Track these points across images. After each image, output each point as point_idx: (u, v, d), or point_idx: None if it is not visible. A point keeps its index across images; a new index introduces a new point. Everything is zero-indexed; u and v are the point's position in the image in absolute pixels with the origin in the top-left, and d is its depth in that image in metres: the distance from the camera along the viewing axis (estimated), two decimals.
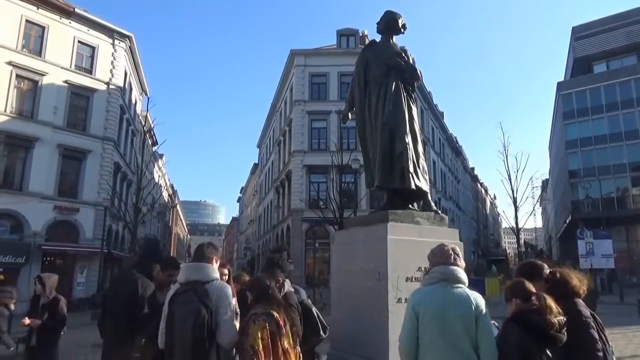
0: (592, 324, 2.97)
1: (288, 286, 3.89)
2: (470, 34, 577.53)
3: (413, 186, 5.28)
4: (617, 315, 15.79)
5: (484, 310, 2.86)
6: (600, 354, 2.88)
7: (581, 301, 3.08)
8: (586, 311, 3.02)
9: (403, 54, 5.84)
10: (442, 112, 54.59)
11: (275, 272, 3.84)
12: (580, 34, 44.40)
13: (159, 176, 55.46)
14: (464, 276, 3.00)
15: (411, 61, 5.91)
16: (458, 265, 3.05)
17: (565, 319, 2.78)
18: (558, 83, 46.50)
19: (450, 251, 3.11)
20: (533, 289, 2.96)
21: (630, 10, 42.34)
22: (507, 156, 33.58)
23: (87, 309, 22.15)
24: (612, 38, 42.19)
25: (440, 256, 3.12)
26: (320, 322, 3.58)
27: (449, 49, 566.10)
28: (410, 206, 5.56)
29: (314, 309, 3.85)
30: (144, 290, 3.91)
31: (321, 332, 3.86)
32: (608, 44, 42.46)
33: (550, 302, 2.82)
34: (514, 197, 32.58)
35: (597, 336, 2.93)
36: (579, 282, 3.12)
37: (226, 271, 3.93)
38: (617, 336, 11.45)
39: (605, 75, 41.97)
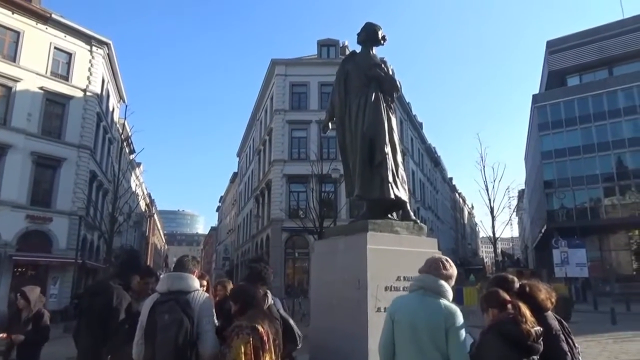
0: (562, 336, 3.05)
1: (271, 298, 3.85)
2: (448, 46, 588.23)
3: (392, 196, 5.34)
4: (591, 323, 16.12)
5: (457, 324, 2.86)
6: None
7: (550, 314, 3.14)
8: (555, 323, 3.09)
9: (383, 65, 5.94)
10: (421, 123, 55.27)
11: (257, 283, 3.80)
12: (554, 48, 45.65)
13: (136, 185, 54.64)
14: (443, 287, 3.01)
15: (390, 72, 6.01)
16: (443, 276, 3.07)
17: (541, 330, 2.83)
18: (533, 95, 47.61)
19: (438, 261, 3.16)
20: (508, 298, 3.00)
21: (602, 25, 43.77)
22: (484, 166, 34.26)
23: (59, 321, 21.54)
24: (585, 52, 43.48)
25: (428, 265, 3.19)
26: (295, 331, 3.58)
27: (428, 60, 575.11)
28: (389, 216, 5.62)
29: (290, 320, 3.84)
30: (119, 301, 3.86)
31: (297, 340, 3.86)
32: (581, 58, 43.72)
33: (525, 310, 2.87)
34: (491, 206, 33.16)
35: (566, 348, 3.01)
36: (546, 295, 3.17)
37: (205, 282, 3.91)
38: (591, 344, 11.68)
39: (578, 88, 43.16)
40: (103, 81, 31.25)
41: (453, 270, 3.16)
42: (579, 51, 43.71)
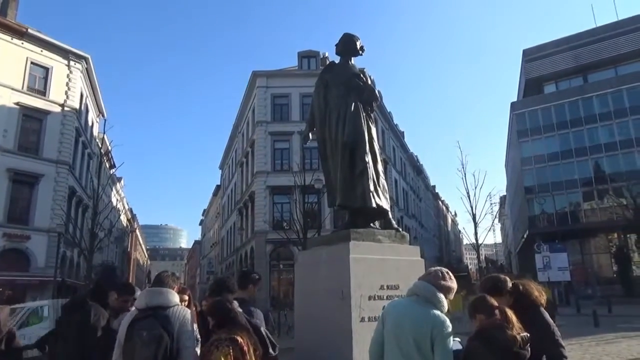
0: (557, 332, 3.12)
1: (237, 308, 3.84)
2: (428, 55, 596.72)
3: (374, 205, 5.36)
4: (574, 326, 16.29)
5: (445, 334, 2.86)
6: None
7: (544, 310, 3.23)
8: (549, 319, 3.18)
9: (362, 75, 5.99)
10: (403, 132, 55.78)
11: (223, 292, 3.81)
12: (530, 56, 46.70)
13: (117, 200, 53.88)
14: (437, 297, 2.99)
15: (370, 82, 6.07)
16: (440, 286, 3.04)
17: (527, 335, 2.83)
18: (512, 103, 48.52)
19: (439, 271, 3.15)
20: (496, 303, 3.01)
21: (576, 34, 44.98)
22: (465, 174, 34.46)
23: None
24: (560, 60, 44.58)
25: (427, 274, 3.19)
26: (269, 340, 3.57)
27: (408, 70, 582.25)
28: (371, 225, 5.63)
29: (262, 328, 3.84)
30: (97, 318, 3.78)
31: (270, 349, 3.84)
32: (557, 66, 44.82)
33: (512, 316, 2.88)
34: (473, 213, 33.41)
35: (563, 343, 3.08)
36: (539, 293, 3.29)
37: (186, 297, 3.86)
38: (574, 347, 11.80)
39: (555, 95, 44.15)
40: (82, 96, 30.89)
41: (452, 283, 3.11)
42: (555, 59, 44.81)
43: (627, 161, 38.62)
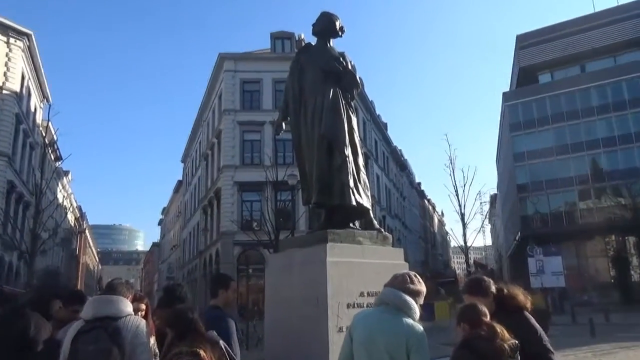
0: (545, 336, 3.22)
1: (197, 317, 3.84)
2: (414, 41, 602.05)
3: (353, 202, 5.36)
4: (569, 336, 16.66)
5: (421, 344, 2.90)
6: None
7: (529, 315, 3.33)
8: (535, 323, 3.28)
9: (341, 59, 5.96)
10: (386, 123, 56.13)
11: (175, 302, 3.79)
12: (524, 42, 47.54)
13: (64, 196, 52.74)
14: (408, 303, 3.02)
15: (350, 67, 6.04)
16: (409, 291, 3.09)
17: (517, 342, 2.87)
18: (503, 93, 49.37)
19: (405, 275, 3.19)
20: (485, 314, 3.05)
21: (572, 19, 45.99)
22: (453, 169, 35.04)
23: None
24: (555, 48, 45.51)
25: (393, 279, 3.21)
26: (228, 355, 3.56)
27: (393, 57, 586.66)
28: (351, 225, 5.64)
29: (221, 341, 3.83)
30: (37, 331, 3.67)
31: None
32: (552, 54, 45.73)
33: (497, 326, 2.93)
34: (461, 213, 33.97)
35: (551, 347, 3.17)
36: (524, 297, 3.39)
37: (143, 306, 3.79)
38: (569, 358, 12.08)
39: (550, 85, 45.06)
40: (23, 77, 30.10)
41: (421, 287, 3.18)
42: (550, 46, 45.70)
43: (626, 158, 39.77)
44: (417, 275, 3.24)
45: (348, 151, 5.51)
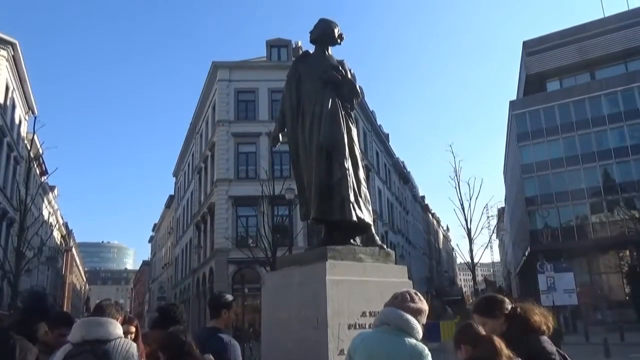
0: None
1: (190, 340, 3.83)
2: (417, 49, 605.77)
3: (354, 218, 5.35)
4: (583, 356, 16.57)
5: None
6: None
7: (545, 337, 3.20)
8: (551, 347, 3.15)
9: (340, 67, 5.99)
10: (388, 134, 56.31)
11: (170, 325, 3.79)
12: (532, 49, 47.80)
13: (50, 213, 52.66)
14: (409, 323, 3.02)
15: (350, 75, 6.08)
16: (410, 309, 3.09)
17: None
18: (510, 102, 49.56)
19: (405, 294, 3.19)
20: (482, 332, 3.06)
21: (582, 24, 46.27)
22: (459, 182, 34.96)
23: None
24: (565, 54, 45.75)
25: (393, 298, 3.21)
26: None
27: (395, 66, 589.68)
28: (351, 241, 5.63)
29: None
30: (23, 355, 3.66)
31: None
32: (561, 60, 45.96)
33: (501, 345, 2.91)
34: (467, 227, 33.89)
35: None
36: (540, 318, 3.25)
37: (133, 328, 3.78)
38: None
39: (559, 93, 45.24)
40: (7, 88, 30.23)
41: (422, 305, 3.17)
42: (559, 52, 45.94)
43: None
44: (418, 293, 3.24)
45: (348, 163, 5.51)
